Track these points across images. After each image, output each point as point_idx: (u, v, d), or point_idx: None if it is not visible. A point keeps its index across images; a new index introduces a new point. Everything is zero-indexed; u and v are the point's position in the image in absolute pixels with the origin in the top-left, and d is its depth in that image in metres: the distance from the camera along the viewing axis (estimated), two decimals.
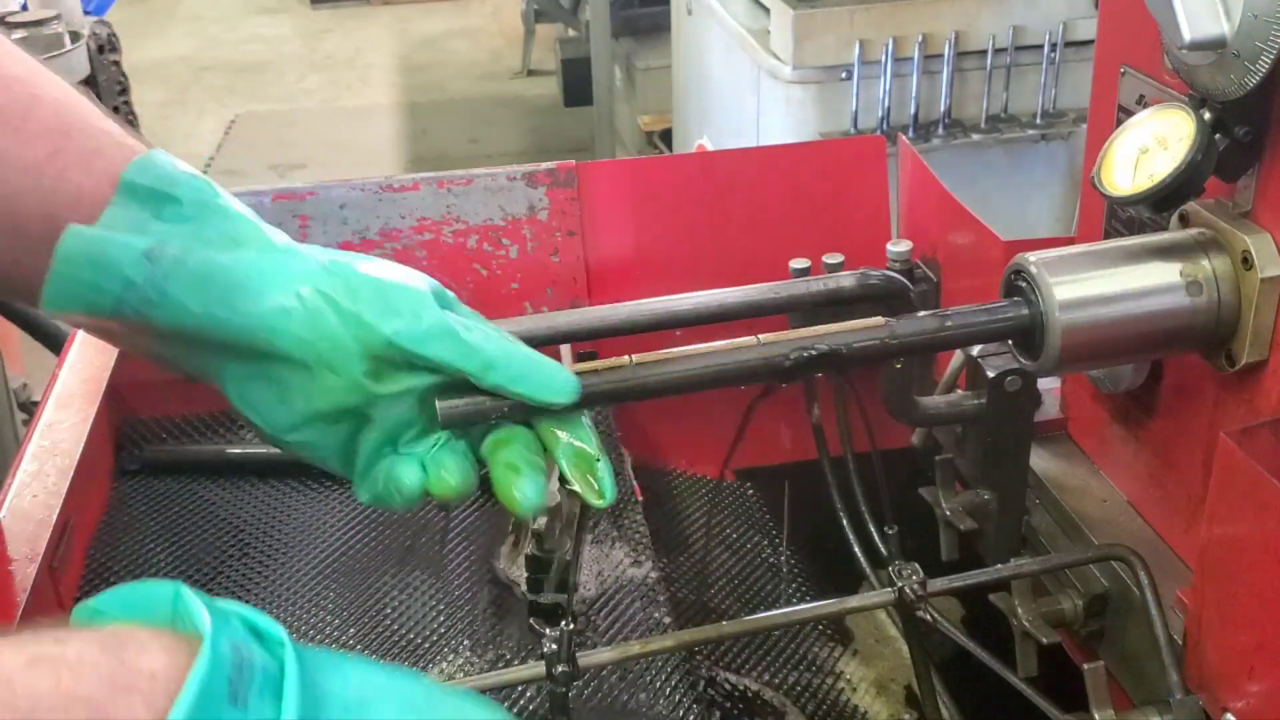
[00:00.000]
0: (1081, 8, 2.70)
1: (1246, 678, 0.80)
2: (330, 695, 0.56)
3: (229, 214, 0.83)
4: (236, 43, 6.88)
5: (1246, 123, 0.82)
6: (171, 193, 0.82)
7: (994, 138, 2.74)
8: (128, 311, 0.80)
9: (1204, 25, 0.79)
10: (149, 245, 0.79)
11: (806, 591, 1.28)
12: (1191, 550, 0.94)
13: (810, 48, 2.65)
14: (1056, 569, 1.00)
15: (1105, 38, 1.02)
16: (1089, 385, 1.07)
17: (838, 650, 1.21)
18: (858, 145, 1.48)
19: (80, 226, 0.79)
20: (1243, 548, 0.80)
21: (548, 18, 5.71)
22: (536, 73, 6.08)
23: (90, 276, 0.79)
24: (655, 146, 4.07)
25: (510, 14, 6.53)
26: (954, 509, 1.08)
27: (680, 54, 3.59)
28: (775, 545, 1.33)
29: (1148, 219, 0.95)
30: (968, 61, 2.71)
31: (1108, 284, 0.86)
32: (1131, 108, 0.95)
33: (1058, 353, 0.86)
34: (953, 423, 1.07)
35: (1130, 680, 0.96)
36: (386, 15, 7.25)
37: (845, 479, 1.24)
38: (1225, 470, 0.80)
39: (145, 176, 0.82)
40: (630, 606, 1.18)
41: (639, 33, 4.37)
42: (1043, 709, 0.90)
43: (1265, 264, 0.83)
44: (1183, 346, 0.90)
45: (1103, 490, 1.07)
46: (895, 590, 0.92)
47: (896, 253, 1.18)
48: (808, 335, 0.86)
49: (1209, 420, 0.93)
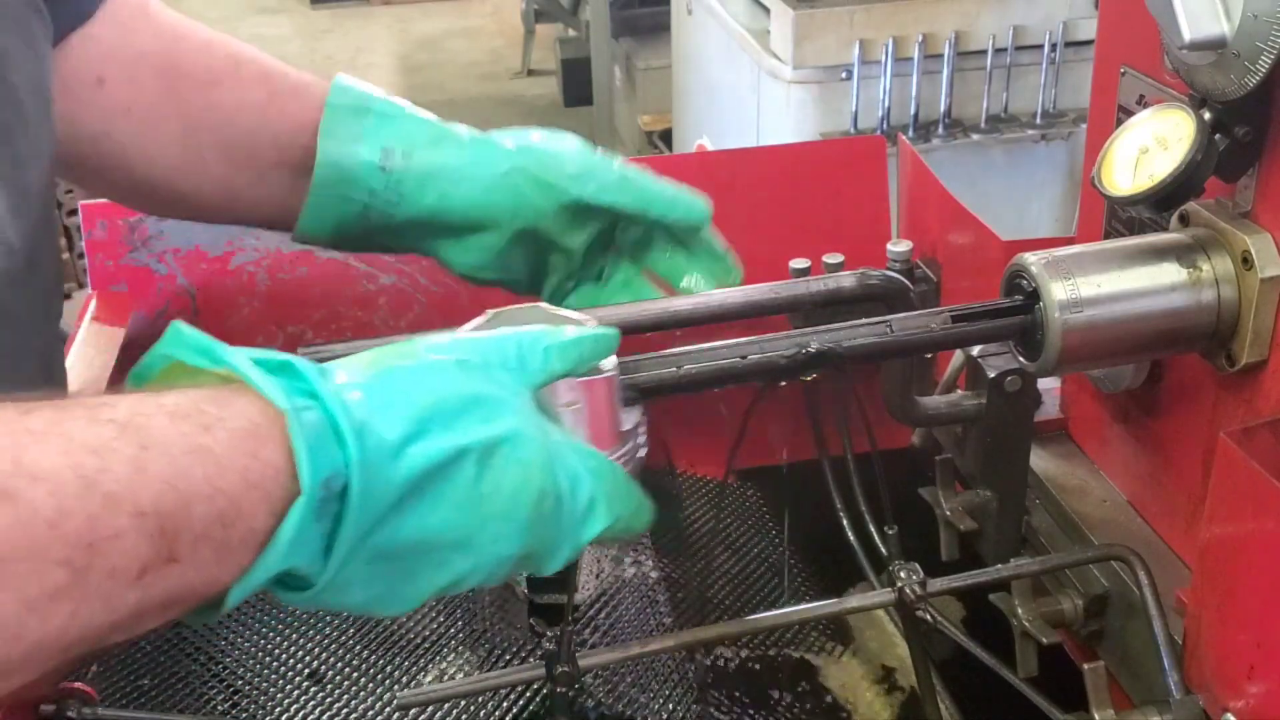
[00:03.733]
0: (1081, 8, 2.70)
1: (1246, 678, 0.80)
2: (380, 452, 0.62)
3: (418, 119, 1.01)
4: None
5: (1246, 123, 0.82)
6: (371, 107, 0.99)
7: (994, 138, 2.74)
8: (372, 214, 0.99)
9: (1204, 25, 0.79)
10: (380, 156, 0.97)
11: (806, 591, 1.28)
12: (1191, 550, 0.94)
13: (810, 48, 2.65)
14: (1056, 569, 1.00)
15: (1105, 38, 1.02)
16: (1089, 385, 1.07)
17: (838, 650, 1.21)
18: (858, 145, 1.47)
19: (323, 144, 0.97)
20: (1243, 548, 0.80)
21: (548, 18, 5.71)
22: (536, 73, 6.07)
23: (341, 192, 0.98)
24: (655, 146, 4.07)
25: (510, 14, 6.52)
26: (954, 509, 1.08)
27: (680, 54, 3.59)
28: (775, 545, 1.33)
29: (1148, 219, 0.95)
30: (968, 61, 2.71)
31: (1108, 284, 0.86)
32: (1131, 108, 0.95)
33: (1058, 353, 0.86)
34: (953, 423, 1.07)
35: (1130, 680, 0.96)
36: (386, 15, 7.24)
37: (845, 479, 1.24)
38: (1225, 470, 0.80)
39: (346, 96, 1.00)
40: (630, 606, 1.19)
41: (639, 33, 4.37)
42: (1043, 709, 0.90)
43: (1265, 264, 0.83)
44: (1183, 346, 0.90)
45: (1103, 490, 1.07)
46: (895, 590, 0.92)
47: (896, 253, 1.18)
48: (808, 335, 0.86)
49: (1209, 420, 0.93)
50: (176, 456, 0.55)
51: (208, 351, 0.61)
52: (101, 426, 0.54)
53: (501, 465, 0.65)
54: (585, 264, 1.06)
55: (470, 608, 1.22)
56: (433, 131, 1.01)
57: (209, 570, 0.57)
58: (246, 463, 0.57)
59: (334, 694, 1.13)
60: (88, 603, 0.52)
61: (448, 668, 1.16)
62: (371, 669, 1.16)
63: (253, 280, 1.26)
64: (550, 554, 0.70)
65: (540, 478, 0.67)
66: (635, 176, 1.02)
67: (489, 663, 1.16)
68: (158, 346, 0.63)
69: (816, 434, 1.23)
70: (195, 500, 0.55)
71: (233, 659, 1.16)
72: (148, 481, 0.54)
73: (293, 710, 1.12)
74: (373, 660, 1.17)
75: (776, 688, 1.16)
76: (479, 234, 1.01)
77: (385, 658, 1.17)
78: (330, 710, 1.12)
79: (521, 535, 0.67)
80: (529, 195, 0.99)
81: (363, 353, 0.67)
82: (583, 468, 0.71)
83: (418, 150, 0.99)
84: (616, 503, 0.72)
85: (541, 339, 0.72)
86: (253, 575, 0.58)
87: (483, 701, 1.11)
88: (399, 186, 0.98)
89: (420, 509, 0.62)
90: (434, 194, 0.99)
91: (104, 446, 0.53)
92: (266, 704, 1.12)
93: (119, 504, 0.52)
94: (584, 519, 0.71)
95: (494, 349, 0.70)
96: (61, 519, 0.51)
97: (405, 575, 0.64)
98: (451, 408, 0.64)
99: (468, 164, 0.99)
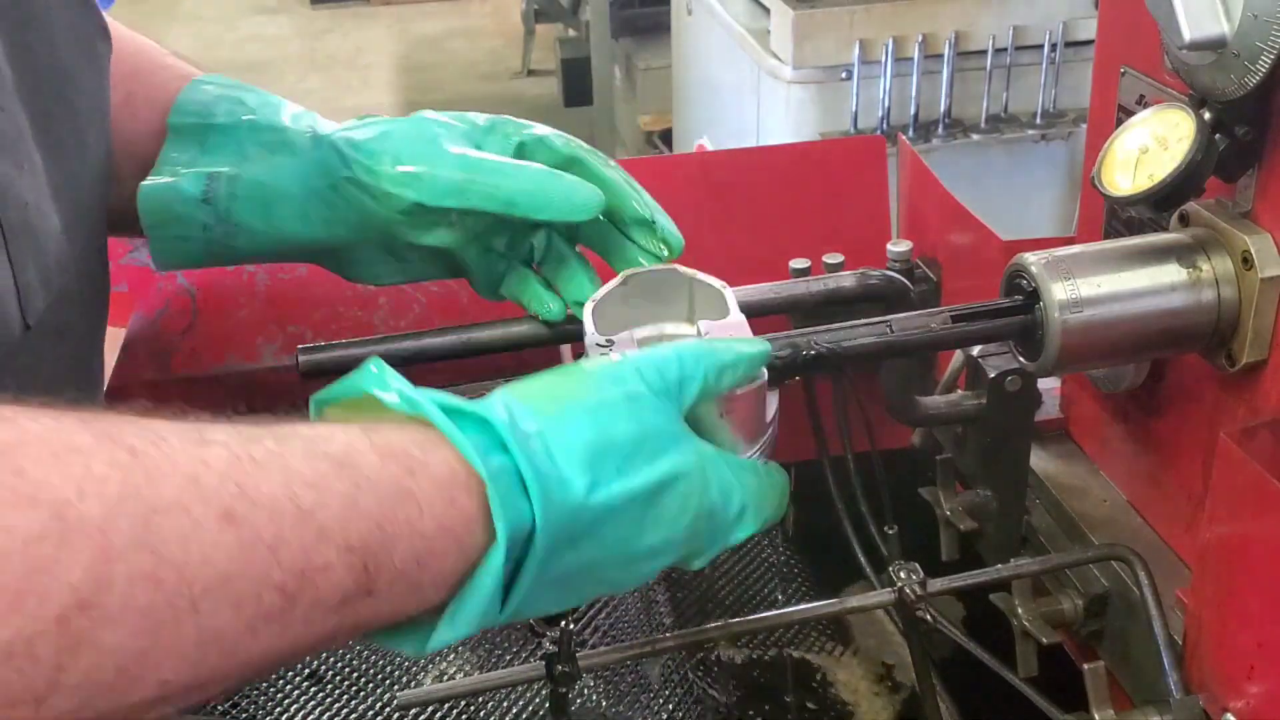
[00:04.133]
0: (1081, 8, 2.69)
1: (1246, 678, 0.80)
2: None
3: (257, 125, 0.91)
4: (236, 42, 6.88)
5: (1246, 123, 0.82)
6: (211, 123, 0.91)
7: (994, 138, 2.74)
8: (217, 249, 0.91)
9: (1204, 25, 0.78)
10: (203, 188, 0.89)
11: (806, 591, 1.28)
12: (1191, 550, 0.94)
13: (810, 48, 2.65)
14: (1056, 569, 1.00)
15: (1105, 38, 1.02)
16: (1089, 385, 1.07)
17: (838, 650, 1.21)
18: (858, 145, 1.47)
19: (147, 185, 0.89)
20: (1243, 548, 0.80)
21: (548, 18, 5.71)
22: (536, 73, 6.07)
23: (175, 231, 0.90)
24: (655, 146, 4.07)
25: (510, 14, 6.52)
26: (954, 509, 1.08)
27: (680, 54, 3.59)
28: (776, 545, 1.33)
29: (1148, 219, 0.95)
30: (968, 61, 2.70)
31: (1108, 284, 0.86)
32: (1131, 108, 0.95)
33: (1057, 353, 0.86)
34: (953, 423, 1.07)
35: (1130, 680, 0.96)
36: (386, 15, 7.24)
37: (845, 479, 1.24)
38: (1225, 470, 0.80)
39: (187, 114, 0.91)
40: (630, 607, 1.19)
41: (639, 33, 4.36)
42: (1043, 709, 0.90)
43: (1265, 264, 0.83)
44: (1183, 346, 0.90)
45: (1103, 490, 1.07)
46: (895, 590, 0.92)
47: (896, 253, 1.18)
48: (808, 335, 0.86)
49: (1209, 420, 0.93)
50: (384, 498, 0.58)
51: (409, 401, 0.63)
52: (319, 461, 0.57)
53: (666, 502, 0.69)
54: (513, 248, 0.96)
55: None
56: (266, 139, 0.91)
57: (400, 604, 0.60)
58: (445, 509, 0.60)
59: (334, 694, 1.13)
60: (294, 627, 0.55)
61: (448, 668, 1.16)
62: (371, 669, 1.16)
63: (253, 280, 1.26)
64: (700, 556, 0.74)
65: (699, 503, 0.71)
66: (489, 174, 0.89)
67: (489, 663, 1.16)
68: (354, 379, 0.65)
69: (817, 434, 1.23)
70: (397, 540, 0.58)
71: None
72: (357, 519, 0.57)
73: (293, 710, 1.12)
74: (373, 660, 1.17)
75: (777, 688, 1.16)
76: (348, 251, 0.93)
77: (385, 658, 1.17)
78: (330, 710, 1.12)
79: (678, 551, 0.71)
80: (364, 205, 0.90)
81: (539, 382, 0.69)
82: (735, 481, 0.74)
83: (244, 169, 0.90)
84: (764, 507, 0.76)
85: (702, 361, 0.73)
86: (457, 623, 0.61)
87: (483, 701, 1.11)
88: (230, 217, 0.90)
89: (591, 546, 0.66)
90: (267, 221, 0.90)
91: (320, 481, 0.56)
92: (266, 704, 1.12)
93: (331, 538, 0.56)
94: (734, 525, 0.74)
95: (657, 374, 0.71)
96: (280, 546, 0.54)
97: (570, 594, 0.69)
98: (623, 449, 0.67)
99: (294, 178, 0.90)
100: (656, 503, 0.68)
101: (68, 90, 0.83)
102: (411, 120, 0.92)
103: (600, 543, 0.66)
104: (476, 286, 0.97)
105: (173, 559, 0.50)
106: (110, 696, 0.50)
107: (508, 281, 0.97)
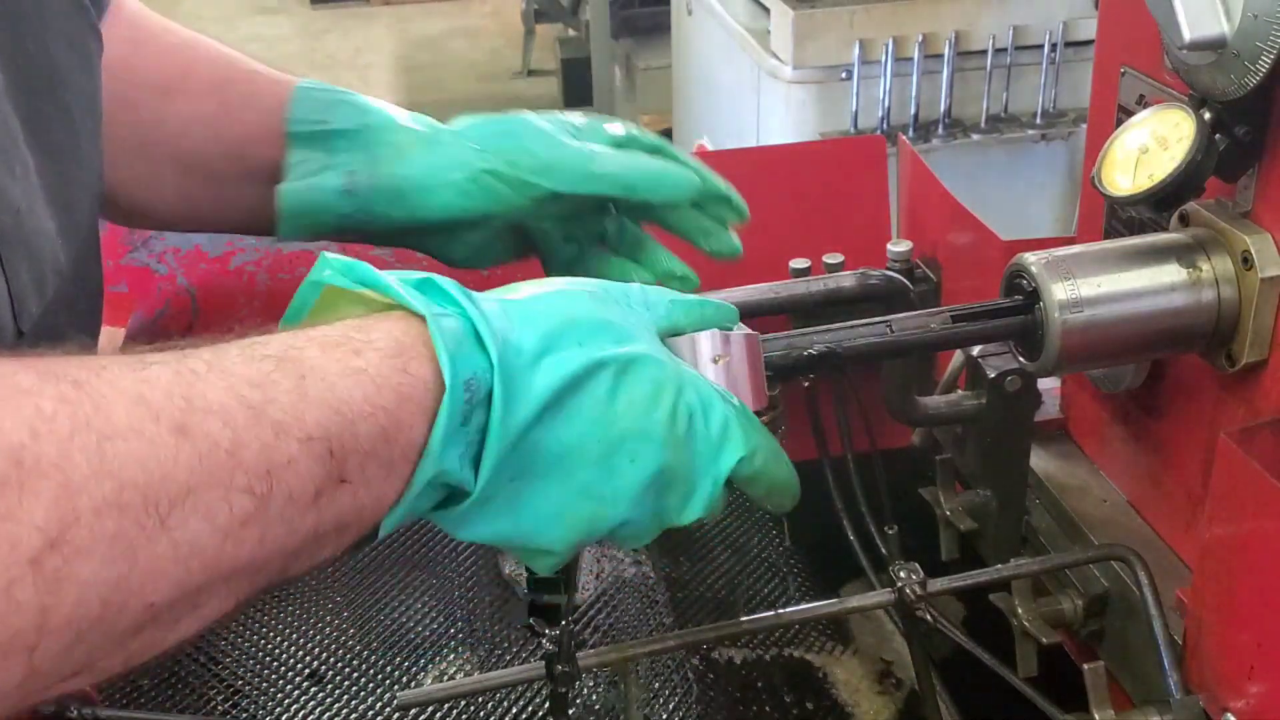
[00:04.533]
0: (1081, 8, 2.70)
1: (1246, 678, 0.80)
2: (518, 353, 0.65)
3: (382, 129, 1.01)
4: (236, 43, 6.74)
5: (1246, 123, 0.82)
6: (333, 128, 1.00)
7: (994, 138, 2.74)
8: (347, 231, 1.01)
9: (1204, 25, 0.78)
10: (342, 183, 0.98)
11: (806, 591, 1.28)
12: (1191, 550, 0.94)
13: (810, 48, 2.65)
14: (1056, 569, 1.00)
15: (1105, 38, 1.02)
16: (1089, 385, 1.07)
17: (837, 650, 1.21)
18: (858, 145, 1.48)
19: (288, 187, 0.98)
20: (1243, 548, 0.79)
21: (548, 18, 5.71)
22: (536, 73, 6.07)
23: (310, 222, 0.99)
24: None
25: (510, 14, 6.52)
26: (954, 509, 1.08)
27: (680, 54, 3.59)
28: (775, 545, 1.33)
29: (1148, 219, 0.95)
30: (968, 61, 2.70)
31: (1108, 284, 0.86)
32: (1131, 108, 0.95)
33: (1057, 353, 0.86)
34: (953, 423, 1.07)
35: (1130, 680, 0.96)
36: (386, 15, 7.24)
37: (845, 479, 1.24)
38: (1225, 470, 0.80)
39: (306, 122, 1.00)
40: (630, 606, 1.19)
41: (639, 33, 4.37)
42: (1043, 709, 0.90)
43: (1265, 264, 0.83)
44: (1183, 346, 0.90)
45: (1103, 490, 1.07)
46: (895, 590, 0.92)
47: (896, 253, 1.18)
48: (808, 335, 0.86)
49: (1209, 420, 0.93)
50: (334, 381, 0.58)
51: (352, 270, 0.65)
52: (259, 362, 0.58)
53: (635, 381, 0.68)
54: (587, 232, 1.05)
55: (470, 607, 1.22)
56: (396, 141, 1.00)
57: (378, 487, 0.60)
58: (399, 379, 0.60)
59: (334, 694, 1.13)
60: (272, 527, 0.55)
61: (448, 668, 1.16)
62: (371, 669, 1.16)
63: (253, 280, 1.26)
64: (691, 489, 0.71)
65: (673, 395, 0.69)
66: (608, 162, 0.99)
67: (489, 663, 1.16)
68: (308, 276, 0.66)
69: (817, 434, 1.23)
70: (358, 420, 0.58)
71: (233, 659, 1.16)
72: (310, 407, 0.57)
73: (293, 710, 1.12)
74: (373, 660, 1.17)
75: (777, 687, 1.16)
76: (460, 232, 1.01)
77: (385, 658, 1.17)
78: (330, 710, 1.12)
79: (658, 453, 0.68)
80: (502, 194, 0.99)
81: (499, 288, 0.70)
82: (715, 394, 0.72)
83: (381, 167, 0.99)
84: (752, 433, 0.73)
85: (665, 292, 0.75)
86: (413, 483, 0.61)
87: (483, 701, 1.11)
88: (369, 206, 0.99)
89: (559, 422, 0.65)
90: (404, 208, 0.99)
91: (264, 380, 0.57)
92: (266, 704, 1.12)
93: (288, 431, 0.56)
94: (720, 445, 0.72)
95: (621, 291, 0.73)
96: (238, 449, 0.54)
97: (549, 499, 0.67)
98: (586, 327, 0.67)
99: (435, 172, 0.99)
100: (625, 380, 0.67)
101: (60, 91, 0.83)
102: (521, 119, 1.01)
103: (569, 420, 0.65)
104: (550, 266, 1.04)
105: (134, 481, 0.50)
106: (100, 628, 0.50)
107: (587, 262, 1.04)
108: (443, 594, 1.22)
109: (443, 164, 0.99)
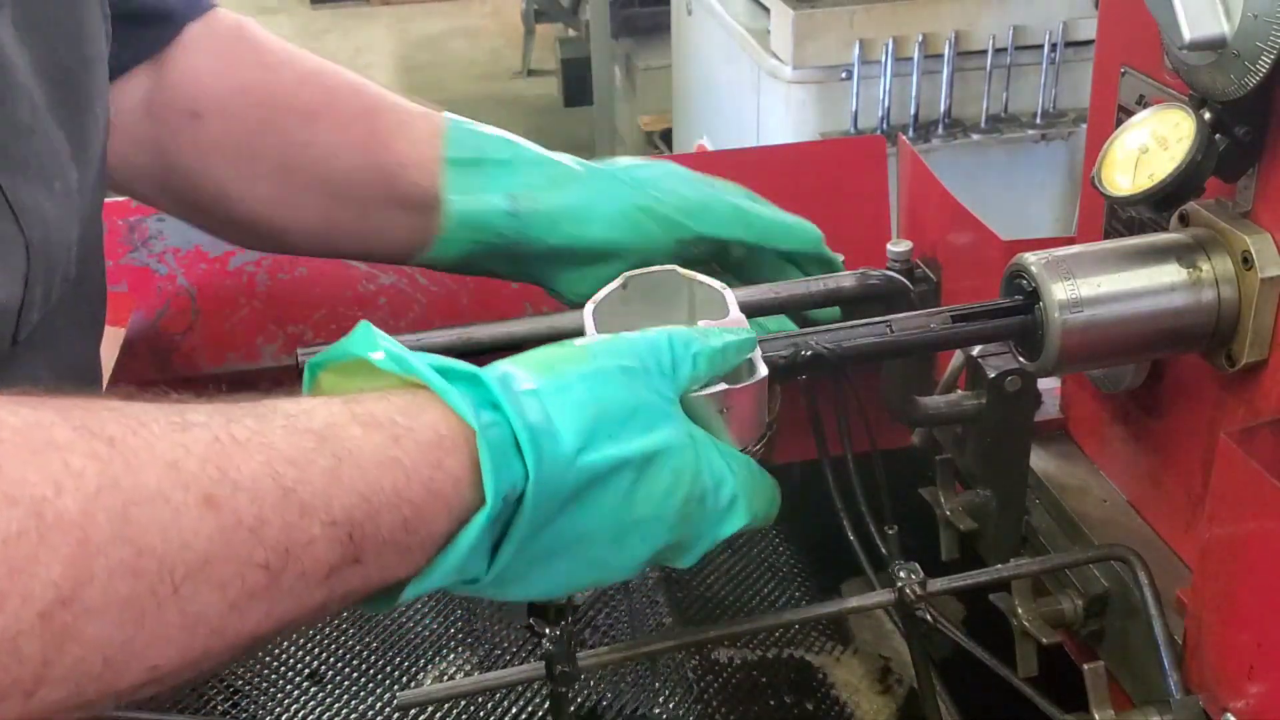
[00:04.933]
0: (1081, 8, 2.69)
1: (1246, 678, 0.80)
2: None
3: (536, 162, 1.05)
4: None
5: (1246, 123, 0.82)
6: (490, 157, 1.04)
7: (994, 138, 2.74)
8: (498, 253, 1.04)
9: (1204, 25, 0.78)
10: (507, 205, 1.02)
11: (806, 592, 1.28)
12: (1191, 550, 0.94)
13: (810, 48, 2.65)
14: (1056, 569, 1.00)
15: (1105, 38, 1.02)
16: (1089, 385, 1.07)
17: (837, 650, 1.21)
18: (858, 145, 1.47)
19: (454, 198, 1.02)
20: (1243, 548, 0.79)
21: (548, 18, 5.71)
22: (536, 73, 6.07)
23: (473, 237, 1.03)
24: (655, 146, 4.07)
25: (510, 14, 6.52)
26: (954, 509, 1.08)
27: (680, 54, 3.59)
28: (775, 545, 1.33)
29: (1148, 219, 0.95)
30: (968, 61, 2.70)
31: (1108, 284, 0.86)
32: (1131, 108, 0.95)
33: (1057, 353, 0.86)
34: (953, 423, 1.06)
35: (1130, 680, 0.96)
36: (386, 15, 7.24)
37: (845, 479, 1.24)
38: (1225, 470, 0.80)
39: (464, 149, 1.04)
40: (630, 607, 1.19)
41: (639, 33, 4.36)
42: (1043, 709, 0.90)
43: (1265, 264, 0.83)
44: (1183, 346, 0.90)
45: (1103, 490, 1.07)
46: (895, 590, 0.92)
47: (896, 253, 1.18)
48: (807, 335, 0.86)
49: (1209, 420, 0.93)
50: (368, 469, 0.59)
51: (398, 360, 0.64)
52: (300, 437, 0.58)
53: (656, 475, 0.69)
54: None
55: (470, 607, 1.22)
56: (550, 173, 1.05)
57: (390, 570, 0.61)
58: (431, 473, 0.61)
59: (334, 694, 1.13)
60: (281, 602, 0.56)
61: (448, 668, 1.16)
62: (371, 669, 1.16)
63: (253, 280, 1.26)
64: (690, 548, 0.75)
65: (689, 484, 0.71)
66: (748, 210, 1.06)
67: (489, 663, 1.16)
68: (346, 344, 0.67)
69: (817, 434, 1.23)
70: (383, 510, 0.59)
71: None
72: (340, 493, 0.57)
73: (292, 710, 1.12)
74: (373, 660, 1.17)
75: (776, 688, 1.16)
76: (598, 265, 1.03)
77: (385, 658, 1.17)
78: (330, 710, 1.12)
79: (668, 534, 0.71)
80: (651, 231, 1.03)
81: (535, 353, 0.70)
82: (728, 469, 0.74)
83: (540, 192, 1.03)
84: (756, 500, 0.76)
85: (692, 344, 0.74)
86: (430, 578, 0.62)
87: (483, 701, 1.11)
88: (526, 230, 1.03)
89: (580, 513, 0.66)
90: (560, 234, 1.03)
91: (302, 458, 0.57)
92: (266, 704, 1.12)
93: (313, 513, 0.56)
94: (725, 515, 0.75)
95: (650, 352, 0.73)
96: (261, 526, 0.54)
97: (560, 572, 0.68)
98: (616, 417, 0.68)
99: (591, 203, 1.03)
100: (648, 474, 0.68)
101: (94, 103, 0.83)
102: (668, 164, 1.09)
103: (590, 510, 0.66)
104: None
105: (152, 548, 0.51)
106: (99, 685, 0.50)
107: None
108: (442, 594, 1.22)
109: (598, 196, 1.03)
